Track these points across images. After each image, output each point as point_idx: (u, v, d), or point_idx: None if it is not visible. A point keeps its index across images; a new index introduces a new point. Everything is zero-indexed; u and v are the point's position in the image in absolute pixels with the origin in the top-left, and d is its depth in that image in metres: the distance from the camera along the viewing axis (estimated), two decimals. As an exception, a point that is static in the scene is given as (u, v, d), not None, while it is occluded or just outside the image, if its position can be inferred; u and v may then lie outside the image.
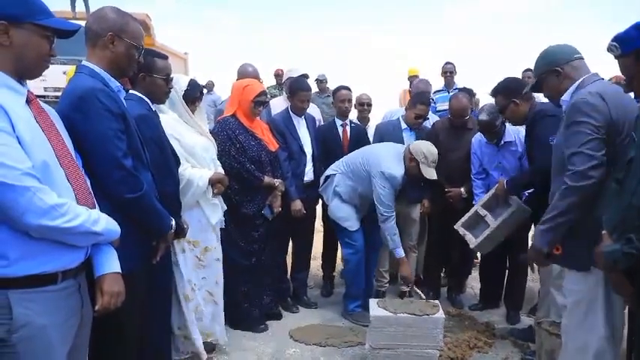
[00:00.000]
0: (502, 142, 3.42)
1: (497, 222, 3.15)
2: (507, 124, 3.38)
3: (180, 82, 2.77)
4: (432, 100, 5.77)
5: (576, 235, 2.00)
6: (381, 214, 3.37)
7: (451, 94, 5.82)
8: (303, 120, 3.78)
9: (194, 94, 2.88)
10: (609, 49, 1.82)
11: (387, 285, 4.10)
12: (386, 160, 3.41)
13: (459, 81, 6.03)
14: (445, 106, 5.21)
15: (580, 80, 2.09)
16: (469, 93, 4.73)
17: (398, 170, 3.38)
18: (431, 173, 3.33)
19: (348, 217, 3.58)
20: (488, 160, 3.52)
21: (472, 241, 3.24)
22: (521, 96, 3.00)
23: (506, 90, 3.10)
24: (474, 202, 3.44)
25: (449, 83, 6.00)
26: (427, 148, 3.35)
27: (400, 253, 3.43)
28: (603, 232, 1.74)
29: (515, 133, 3.40)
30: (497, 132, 3.37)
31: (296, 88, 3.72)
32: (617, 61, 1.83)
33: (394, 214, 3.40)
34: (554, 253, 2.08)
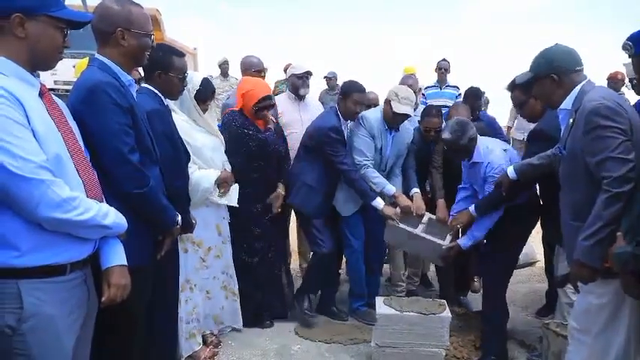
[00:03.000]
0: (471, 161, 3.05)
1: (418, 233, 3.16)
2: (480, 146, 3.00)
3: (193, 81, 2.75)
4: (423, 95, 5.90)
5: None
6: (356, 164, 3.36)
7: (443, 90, 5.97)
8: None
9: (206, 94, 2.86)
10: (624, 48, 1.80)
11: (404, 289, 4.02)
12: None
13: (470, 80, 6.08)
14: (436, 102, 5.27)
15: (579, 88, 2.05)
16: (476, 93, 4.70)
17: (372, 114, 3.48)
18: (401, 108, 3.32)
19: (342, 201, 3.50)
20: (467, 176, 3.25)
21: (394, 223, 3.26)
22: None
23: (526, 84, 2.96)
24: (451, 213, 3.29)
25: (441, 80, 6.17)
26: (399, 87, 3.44)
27: (390, 190, 3.34)
28: (618, 233, 1.74)
29: (485, 155, 2.98)
30: (465, 151, 2.99)
31: (352, 89, 3.35)
32: (630, 60, 1.81)
33: (369, 162, 3.37)
34: (604, 267, 1.90)
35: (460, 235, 3.22)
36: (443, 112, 3.88)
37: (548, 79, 2.11)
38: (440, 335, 2.79)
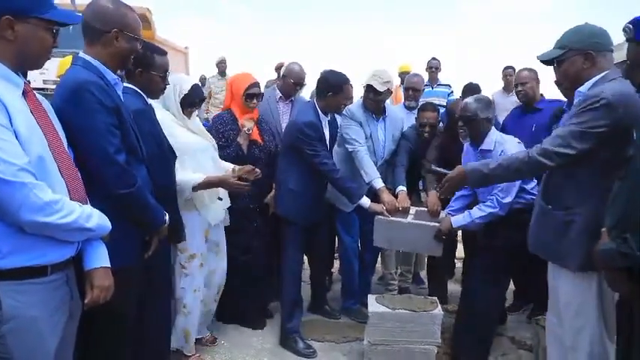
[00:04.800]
0: (479, 148, 2.86)
1: (409, 221, 3.06)
2: (492, 134, 2.84)
3: (182, 85, 2.67)
4: None
5: (575, 234, 1.97)
6: (350, 150, 3.35)
7: (435, 89, 5.95)
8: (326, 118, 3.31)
9: (193, 101, 2.75)
10: (624, 30, 1.74)
11: (396, 287, 4.04)
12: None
13: (469, 80, 6.03)
14: (429, 100, 5.31)
15: (602, 74, 1.96)
16: (474, 90, 4.70)
17: (353, 105, 3.50)
18: (368, 82, 3.35)
19: (340, 196, 3.36)
20: None
21: (381, 219, 3.12)
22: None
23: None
24: (445, 211, 3.20)
25: (432, 79, 6.16)
26: (375, 69, 3.41)
27: (377, 184, 3.24)
28: (602, 229, 1.73)
29: (498, 144, 2.81)
30: (476, 128, 2.83)
31: (343, 82, 3.16)
32: (626, 44, 1.77)
33: (362, 147, 3.33)
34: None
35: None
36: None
37: (582, 56, 1.96)
38: (432, 332, 2.80)
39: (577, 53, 1.98)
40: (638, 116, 1.87)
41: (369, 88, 3.39)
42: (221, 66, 8.70)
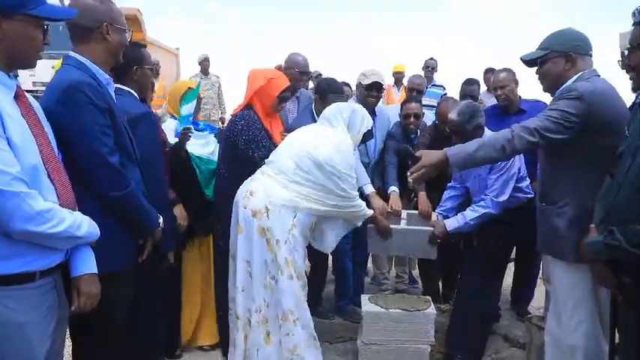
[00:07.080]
0: None
1: (402, 227, 3.02)
2: (485, 133, 2.82)
3: (369, 120, 2.69)
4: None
5: (566, 226, 2.02)
6: None
7: (429, 89, 5.80)
8: None
9: (366, 139, 2.80)
10: (633, 14, 1.72)
11: (389, 287, 4.08)
12: None
13: (459, 79, 6.06)
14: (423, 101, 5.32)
15: (579, 74, 2.05)
16: (474, 82, 4.68)
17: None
18: (369, 79, 3.40)
19: None
20: (465, 171, 2.94)
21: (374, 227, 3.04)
22: None
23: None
24: (436, 211, 3.18)
25: (428, 78, 6.09)
26: (364, 69, 3.48)
27: (367, 189, 3.21)
28: (591, 225, 1.78)
29: None
30: (469, 138, 2.62)
31: (328, 90, 3.20)
32: (633, 27, 1.75)
33: (354, 152, 3.23)
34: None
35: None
36: (429, 112, 3.88)
37: (563, 57, 2.07)
38: (425, 331, 2.81)
39: (559, 55, 2.08)
40: (617, 112, 1.94)
41: (359, 85, 3.44)
42: (204, 64, 8.31)
